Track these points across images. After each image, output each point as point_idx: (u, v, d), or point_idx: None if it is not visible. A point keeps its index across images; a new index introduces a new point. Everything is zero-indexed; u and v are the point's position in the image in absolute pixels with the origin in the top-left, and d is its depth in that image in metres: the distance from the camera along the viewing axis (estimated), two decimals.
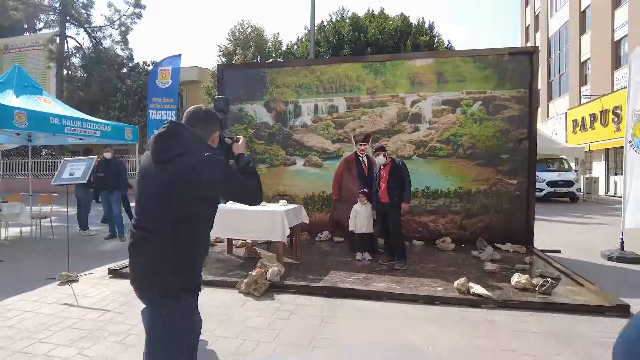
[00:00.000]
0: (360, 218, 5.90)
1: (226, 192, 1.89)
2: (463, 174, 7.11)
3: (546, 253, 6.66)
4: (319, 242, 7.26)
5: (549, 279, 4.41)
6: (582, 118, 21.99)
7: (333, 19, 22.25)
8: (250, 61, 20.83)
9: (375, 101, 7.38)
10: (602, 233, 9.17)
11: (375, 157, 5.59)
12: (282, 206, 5.70)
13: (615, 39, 21.19)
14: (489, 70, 6.98)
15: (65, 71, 26.68)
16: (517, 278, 4.60)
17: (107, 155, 7.93)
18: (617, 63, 21.21)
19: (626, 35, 20.21)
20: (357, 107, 7.45)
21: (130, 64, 28.80)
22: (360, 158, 6.45)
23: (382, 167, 5.61)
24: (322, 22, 22.13)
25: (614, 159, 21.23)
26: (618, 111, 19.53)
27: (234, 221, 5.41)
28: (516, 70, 6.88)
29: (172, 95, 7.76)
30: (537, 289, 4.39)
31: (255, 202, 1.98)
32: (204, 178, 1.77)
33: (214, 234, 5.62)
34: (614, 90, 20.65)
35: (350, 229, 6.02)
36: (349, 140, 7.42)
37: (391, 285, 4.63)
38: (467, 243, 7.01)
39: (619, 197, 20.03)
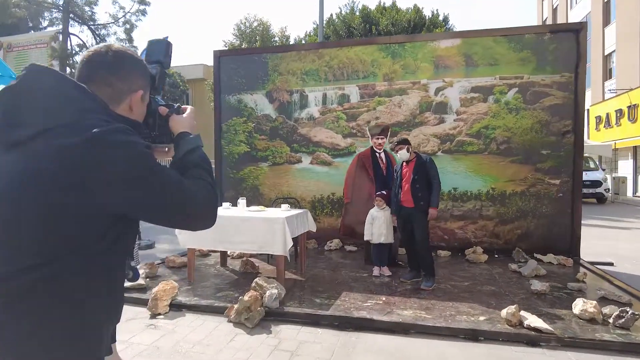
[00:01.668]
0: (378, 225, 4.94)
1: (141, 207, 0.96)
2: (496, 173, 6.10)
3: (597, 266, 5.64)
4: (329, 252, 6.31)
5: (627, 309, 3.40)
6: (607, 114, 20.69)
7: (343, 12, 21.29)
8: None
9: (393, 89, 6.40)
10: None
11: (397, 152, 4.61)
12: (283, 211, 4.76)
13: None
14: (526, 52, 5.97)
15: (68, 69, 26.07)
16: (581, 305, 3.60)
17: None
18: None
19: None
20: (372, 96, 6.49)
21: None
22: (377, 154, 5.48)
23: (404, 164, 4.64)
24: (331, 15, 21.20)
25: None
26: None
27: (225, 230, 4.49)
28: (559, 51, 5.86)
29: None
30: (611, 321, 3.39)
31: (201, 224, 1.07)
32: (88, 175, 0.86)
33: (200, 246, 4.70)
34: None
35: (366, 238, 5.05)
36: (363, 134, 6.46)
37: (420, 314, 3.65)
38: (501, 253, 6.02)
39: None
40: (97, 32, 27.84)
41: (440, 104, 6.27)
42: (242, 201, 5.00)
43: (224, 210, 4.93)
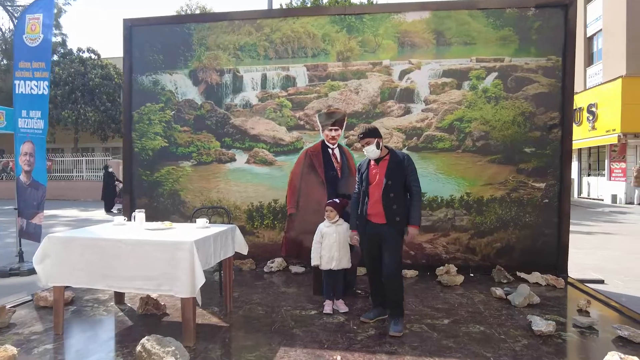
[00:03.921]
0: (329, 245, 3.66)
1: None
2: (472, 175, 5.06)
3: (587, 284, 4.76)
4: (269, 275, 4.96)
5: None
6: None
7: (293, 3, 20.04)
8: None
9: (349, 71, 5.18)
10: (623, 247, 7.48)
11: (364, 147, 3.32)
12: (198, 229, 3.37)
13: (588, 35, 20.29)
14: (507, 30, 4.98)
15: None
16: None
17: None
18: (589, 60, 20.32)
19: (600, 30, 19.32)
20: (323, 80, 5.23)
21: (62, 50, 25.23)
22: (330, 150, 4.23)
23: (372, 163, 3.37)
24: (281, 5, 19.86)
25: (587, 159, 20.35)
26: (593, 109, 18.59)
27: (108, 259, 3.02)
28: (545, 30, 4.92)
29: (44, 58, 5.19)
30: None
31: None
32: None
33: (71, 282, 3.21)
34: (587, 87, 19.72)
35: (313, 263, 3.76)
36: (313, 126, 5.18)
37: None
38: (478, 272, 4.99)
39: (592, 199, 19.09)
40: (15, 15, 24.65)
41: (405, 90, 5.13)
42: (138, 215, 3.54)
43: (110, 229, 3.45)
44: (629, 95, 16.20)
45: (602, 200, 18.07)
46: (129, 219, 3.79)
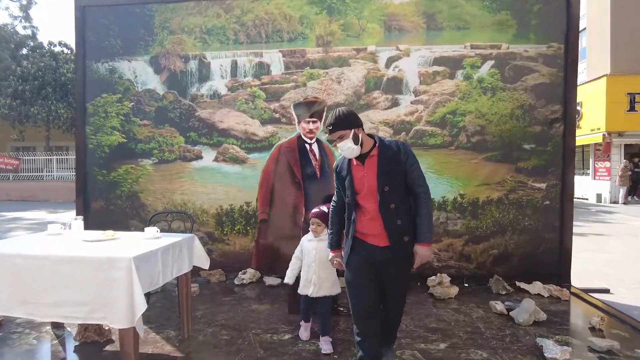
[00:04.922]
0: (307, 265, 3.01)
1: None
2: (466, 174, 4.58)
3: (590, 294, 4.34)
4: (240, 288, 4.38)
5: None
6: None
7: None
8: None
9: (330, 57, 4.63)
10: (618, 249, 7.13)
11: (337, 143, 2.25)
12: (146, 241, 2.77)
13: None
14: (504, 13, 4.51)
15: None
16: None
17: None
18: None
19: (584, 29, 19.25)
20: (301, 67, 4.66)
21: (32, 44, 24.09)
22: (307, 146, 3.67)
23: (354, 162, 2.32)
24: None
25: None
26: (578, 107, 18.51)
27: (27, 281, 2.41)
28: (546, 14, 4.47)
29: None
30: None
31: None
32: None
33: None
34: None
35: (286, 280, 3.18)
36: (289, 119, 4.62)
37: None
38: (473, 281, 4.53)
39: (577, 198, 19.01)
40: None
41: (393, 80, 4.61)
42: (75, 222, 2.93)
43: (38, 241, 2.82)
44: (613, 94, 16.13)
45: (587, 199, 18.00)
46: (65, 227, 3.16)
